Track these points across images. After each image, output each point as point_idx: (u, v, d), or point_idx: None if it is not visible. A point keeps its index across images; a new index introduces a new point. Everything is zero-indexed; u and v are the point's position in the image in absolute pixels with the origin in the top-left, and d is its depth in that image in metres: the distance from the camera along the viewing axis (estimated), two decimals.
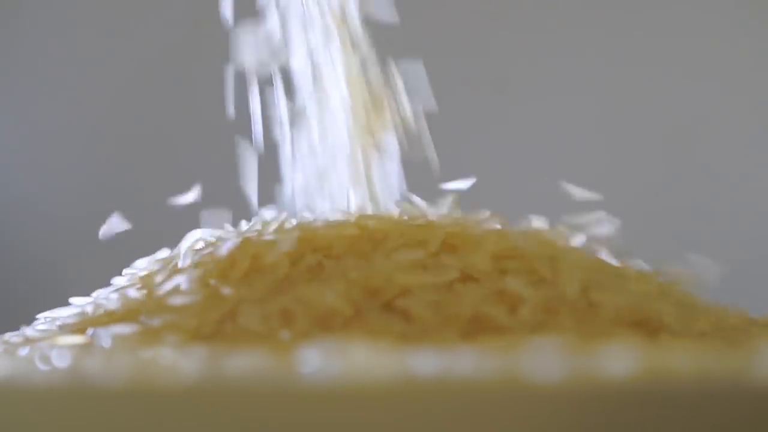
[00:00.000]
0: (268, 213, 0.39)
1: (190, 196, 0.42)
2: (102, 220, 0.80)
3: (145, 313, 0.34)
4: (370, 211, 0.40)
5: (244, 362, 0.28)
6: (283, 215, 0.38)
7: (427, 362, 0.28)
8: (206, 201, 0.41)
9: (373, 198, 0.40)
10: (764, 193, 0.75)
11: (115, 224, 0.39)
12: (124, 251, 0.40)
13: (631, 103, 0.76)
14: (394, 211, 0.38)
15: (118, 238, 0.41)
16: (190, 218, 0.39)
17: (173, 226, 0.39)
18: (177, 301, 0.34)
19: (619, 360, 0.27)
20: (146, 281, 0.36)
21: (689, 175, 0.76)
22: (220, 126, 0.77)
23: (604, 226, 0.39)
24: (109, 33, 0.79)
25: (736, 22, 0.76)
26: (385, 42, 0.41)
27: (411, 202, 0.39)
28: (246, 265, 0.35)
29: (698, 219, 0.75)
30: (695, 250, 0.74)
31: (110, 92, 0.79)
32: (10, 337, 0.37)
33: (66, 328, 0.35)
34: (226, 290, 0.34)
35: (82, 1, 0.79)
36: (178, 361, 0.29)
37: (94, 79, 0.79)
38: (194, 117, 0.78)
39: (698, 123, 0.76)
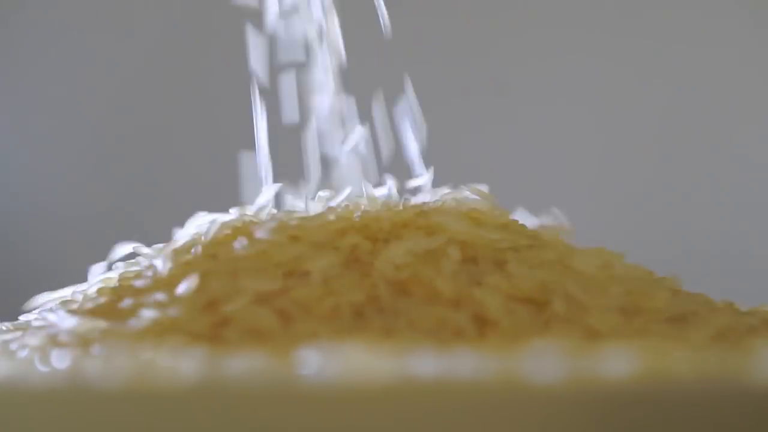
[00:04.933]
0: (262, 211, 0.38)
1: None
2: (102, 218, 0.80)
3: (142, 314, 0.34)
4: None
5: (243, 364, 0.28)
6: (278, 212, 0.37)
7: (426, 364, 0.28)
8: (206, 200, 0.41)
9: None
10: (763, 191, 0.75)
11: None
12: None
13: (629, 104, 0.76)
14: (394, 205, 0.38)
15: (118, 236, 0.41)
16: (189, 217, 0.39)
17: (172, 224, 0.39)
18: (173, 303, 0.34)
19: (619, 362, 0.27)
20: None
21: (688, 175, 0.76)
22: (219, 125, 0.77)
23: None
24: (109, 32, 0.79)
25: (735, 23, 0.76)
26: (385, 45, 0.41)
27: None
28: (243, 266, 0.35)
29: (696, 217, 0.75)
30: (692, 246, 0.74)
31: (110, 92, 0.79)
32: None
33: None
34: (224, 292, 0.34)
35: (82, 2, 0.79)
36: (177, 363, 0.29)
37: (93, 79, 0.79)
38: (194, 116, 0.78)
39: (696, 123, 0.76)
